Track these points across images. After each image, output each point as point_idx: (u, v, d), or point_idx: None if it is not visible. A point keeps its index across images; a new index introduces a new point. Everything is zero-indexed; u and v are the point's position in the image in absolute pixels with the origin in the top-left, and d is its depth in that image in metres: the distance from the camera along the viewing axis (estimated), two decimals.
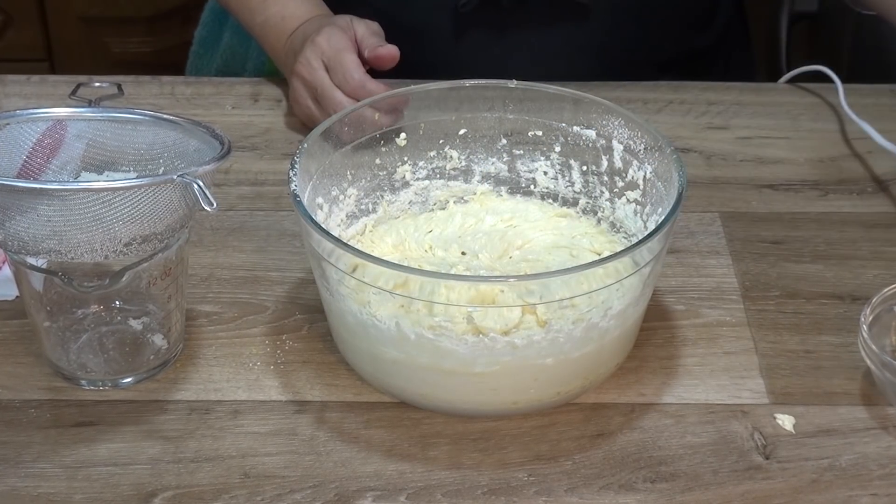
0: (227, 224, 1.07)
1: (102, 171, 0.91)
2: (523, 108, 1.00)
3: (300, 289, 1.00)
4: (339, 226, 0.98)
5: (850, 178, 1.14)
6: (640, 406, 0.90)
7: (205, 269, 1.02)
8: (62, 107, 0.92)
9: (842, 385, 0.92)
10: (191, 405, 0.90)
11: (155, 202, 0.84)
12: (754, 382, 0.92)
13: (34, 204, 0.81)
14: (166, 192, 0.84)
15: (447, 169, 1.03)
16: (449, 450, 0.87)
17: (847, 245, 1.05)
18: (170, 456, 0.86)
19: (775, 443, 0.87)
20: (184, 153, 0.91)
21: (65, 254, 0.83)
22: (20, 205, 0.81)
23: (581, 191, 1.02)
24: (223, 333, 0.96)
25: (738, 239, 1.06)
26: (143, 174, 0.91)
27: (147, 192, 0.83)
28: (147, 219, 0.84)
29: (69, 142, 0.91)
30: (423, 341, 0.85)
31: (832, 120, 1.22)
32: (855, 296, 0.99)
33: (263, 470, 0.85)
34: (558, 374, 0.87)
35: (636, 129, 0.97)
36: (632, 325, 0.90)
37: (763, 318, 0.97)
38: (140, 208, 0.83)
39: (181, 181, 0.83)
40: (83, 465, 0.85)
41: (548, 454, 0.86)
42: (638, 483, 0.84)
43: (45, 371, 0.92)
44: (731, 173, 1.15)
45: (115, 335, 0.92)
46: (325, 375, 0.92)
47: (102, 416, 0.89)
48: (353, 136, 0.98)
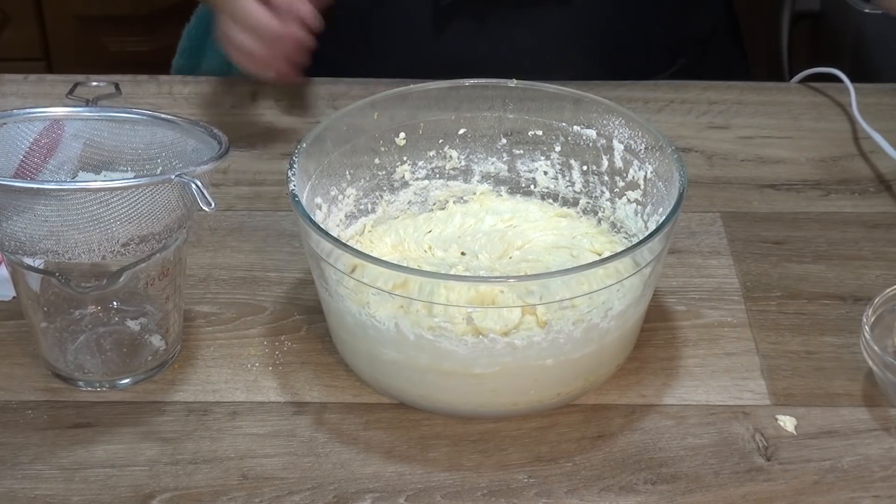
0: (225, 224, 1.07)
1: (100, 171, 0.91)
2: (523, 107, 1.00)
3: (299, 289, 0.99)
4: (337, 226, 0.98)
5: (852, 177, 1.14)
6: (640, 407, 0.90)
7: (203, 270, 1.01)
8: (59, 106, 0.92)
9: (844, 386, 0.91)
10: (189, 406, 0.89)
11: (153, 202, 0.83)
12: (756, 383, 0.91)
13: (31, 204, 0.81)
14: (164, 192, 0.83)
15: (447, 169, 1.03)
16: (448, 451, 0.86)
17: (849, 245, 1.05)
18: (168, 457, 0.85)
19: (777, 444, 0.87)
20: (182, 153, 0.91)
21: (62, 254, 0.83)
22: (17, 205, 0.81)
23: (581, 191, 1.02)
24: (221, 334, 0.96)
25: (740, 239, 1.06)
26: (141, 174, 0.91)
27: (145, 193, 0.83)
28: (145, 219, 0.83)
29: (66, 141, 0.90)
30: (422, 342, 0.85)
31: (834, 119, 1.22)
32: (857, 296, 0.99)
33: (262, 471, 0.84)
34: (558, 375, 0.87)
35: (637, 129, 0.97)
36: (632, 326, 0.90)
37: (764, 318, 0.97)
38: (137, 208, 0.83)
39: (179, 181, 0.83)
40: (81, 467, 0.85)
41: (548, 456, 0.86)
42: (638, 485, 0.84)
43: (43, 372, 0.92)
44: (733, 173, 1.14)
45: (112, 336, 0.92)
46: (323, 376, 0.92)
47: (100, 417, 0.88)
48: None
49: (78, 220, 0.82)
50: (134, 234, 0.84)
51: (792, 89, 1.27)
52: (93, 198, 0.81)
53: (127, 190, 0.82)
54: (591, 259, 0.95)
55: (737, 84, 1.27)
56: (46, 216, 0.81)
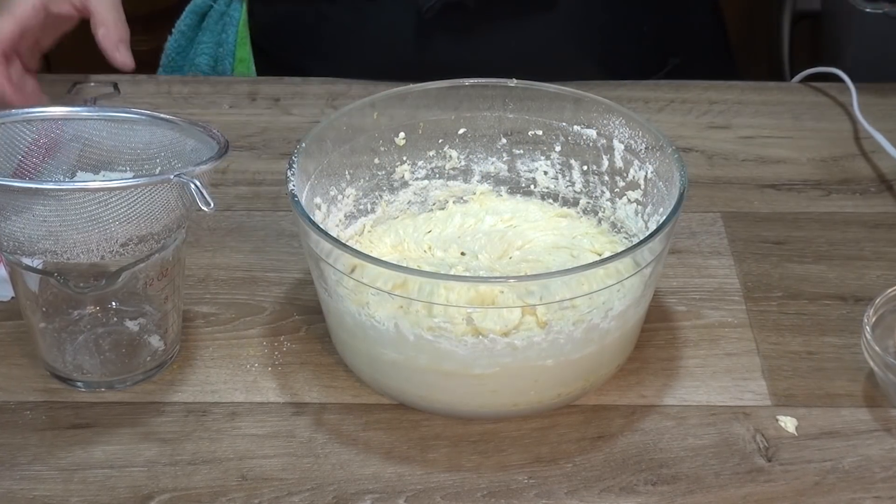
0: (224, 224, 1.06)
1: (99, 171, 0.91)
2: (523, 107, 1.00)
3: (298, 290, 0.99)
4: (337, 226, 0.98)
5: (853, 177, 1.14)
6: (641, 408, 0.89)
7: (202, 270, 1.01)
8: (58, 106, 0.91)
9: (845, 387, 0.91)
10: (188, 407, 0.89)
11: (152, 202, 0.83)
12: (756, 384, 0.91)
13: (30, 204, 0.81)
14: (163, 192, 0.83)
15: (446, 169, 1.03)
16: (448, 452, 0.86)
17: (850, 245, 1.05)
18: (167, 458, 0.85)
19: (777, 445, 0.87)
20: (181, 153, 0.91)
21: (61, 254, 0.83)
22: (16, 205, 0.81)
23: (582, 191, 1.01)
24: (220, 335, 0.95)
25: (740, 239, 1.05)
26: (140, 174, 0.91)
27: (144, 192, 0.82)
28: (144, 219, 0.83)
29: (65, 142, 0.90)
30: (422, 342, 0.84)
31: (835, 119, 1.22)
32: (858, 297, 0.99)
33: (261, 472, 0.84)
34: (559, 376, 0.87)
35: (637, 129, 0.96)
36: (633, 327, 0.90)
37: (765, 319, 0.97)
38: (137, 208, 0.83)
39: (178, 181, 0.82)
40: (79, 468, 0.85)
41: (548, 456, 0.86)
42: (639, 486, 0.84)
43: (41, 373, 0.92)
44: (733, 173, 1.14)
45: (111, 336, 0.92)
46: (323, 377, 0.92)
47: (98, 418, 0.88)
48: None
49: (77, 220, 0.81)
50: (133, 234, 0.83)
51: (793, 89, 1.27)
52: (91, 198, 0.81)
53: (126, 190, 0.82)
54: (591, 259, 0.95)
55: (737, 84, 1.27)
56: (45, 216, 0.81)
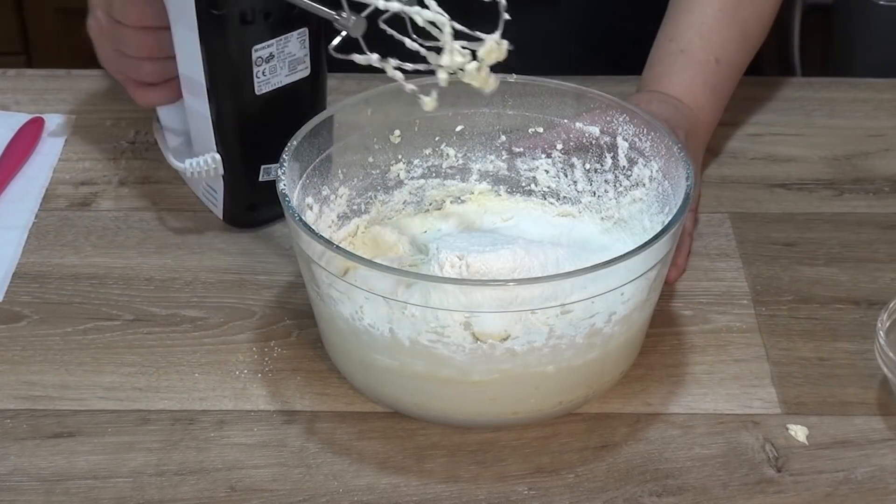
0: (212, 225, 1.06)
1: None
2: (523, 103, 0.99)
3: (289, 293, 0.99)
4: (329, 227, 0.97)
5: (866, 176, 1.13)
6: (645, 416, 0.89)
7: (189, 273, 1.01)
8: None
9: (857, 394, 0.91)
10: (174, 415, 0.89)
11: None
12: (765, 391, 0.91)
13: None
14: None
15: (443, 167, 1.02)
16: (445, 462, 0.86)
17: (863, 247, 1.05)
18: (152, 469, 0.85)
19: (788, 455, 0.86)
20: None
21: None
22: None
23: (584, 190, 1.01)
24: (208, 339, 0.95)
25: (749, 241, 1.05)
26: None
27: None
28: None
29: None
30: (418, 348, 0.84)
31: (847, 116, 1.21)
32: (871, 300, 0.99)
33: (250, 483, 0.84)
34: (560, 383, 0.86)
35: (642, 126, 0.96)
36: (637, 331, 0.89)
37: (775, 323, 0.97)
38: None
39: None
40: (62, 479, 0.84)
41: (549, 467, 0.85)
42: (644, 497, 0.83)
43: (22, 379, 0.91)
44: (741, 172, 1.14)
45: None
46: (315, 384, 0.91)
47: (81, 426, 0.88)
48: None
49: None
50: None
51: (803, 84, 1.27)
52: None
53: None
54: (594, 261, 0.93)
55: (745, 79, 1.26)
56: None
